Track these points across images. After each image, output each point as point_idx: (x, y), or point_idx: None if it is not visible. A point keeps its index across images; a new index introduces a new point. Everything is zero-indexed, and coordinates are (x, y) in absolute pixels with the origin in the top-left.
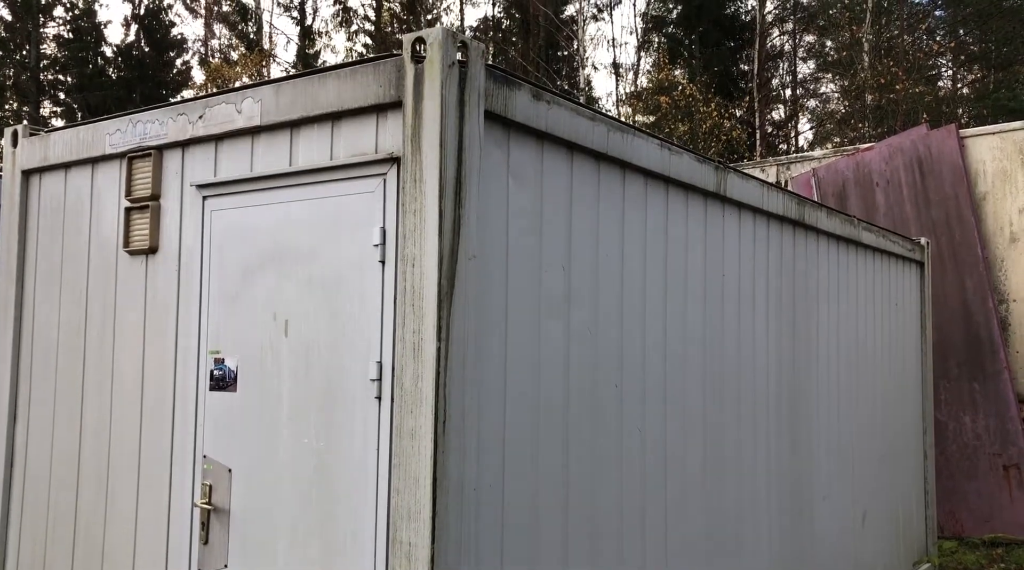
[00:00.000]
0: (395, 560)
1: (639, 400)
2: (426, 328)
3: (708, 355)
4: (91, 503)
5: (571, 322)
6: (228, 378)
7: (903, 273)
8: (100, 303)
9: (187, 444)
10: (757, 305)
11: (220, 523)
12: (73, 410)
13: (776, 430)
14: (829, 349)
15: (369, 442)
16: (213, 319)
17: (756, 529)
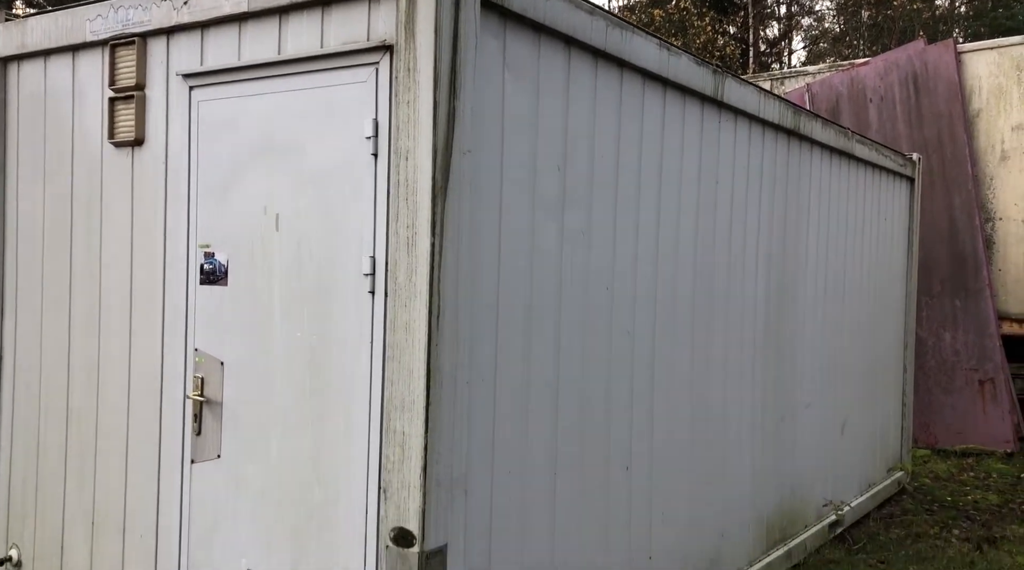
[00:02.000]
0: (389, 449)
1: (630, 303)
2: (420, 223)
3: (699, 262)
4: (82, 397)
5: (565, 224)
6: (218, 272)
7: (893, 188)
8: (86, 197)
9: (178, 337)
10: (749, 213)
11: (213, 415)
12: (61, 306)
13: (763, 337)
14: (818, 260)
15: (363, 336)
16: (202, 213)
17: (739, 432)
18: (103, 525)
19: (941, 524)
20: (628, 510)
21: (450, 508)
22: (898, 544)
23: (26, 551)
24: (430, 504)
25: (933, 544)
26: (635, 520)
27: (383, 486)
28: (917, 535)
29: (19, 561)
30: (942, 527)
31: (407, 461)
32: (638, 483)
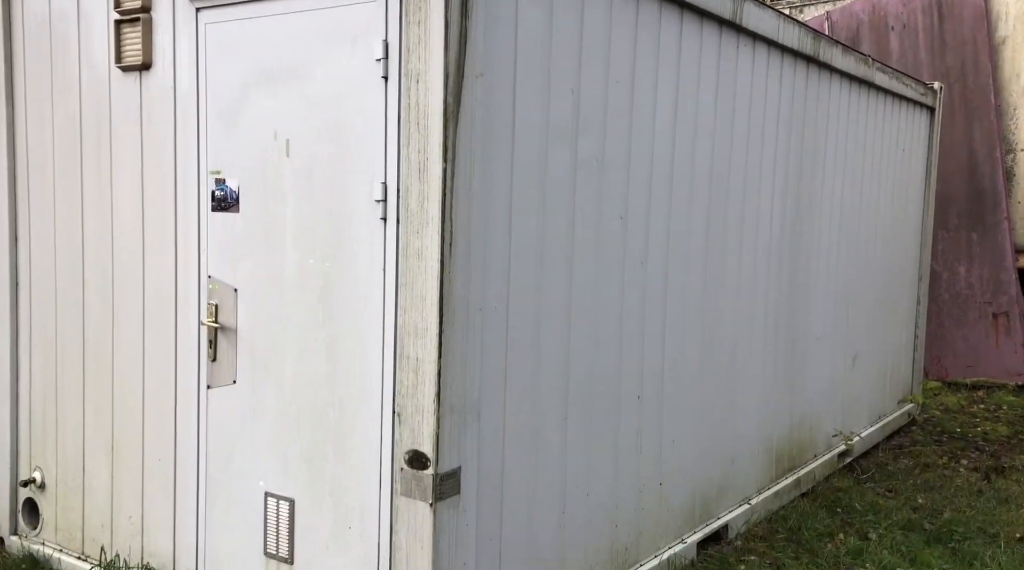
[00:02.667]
0: (402, 374)
1: (643, 232)
2: (432, 147)
3: (714, 191)
4: (97, 325)
5: (578, 151)
6: (230, 199)
7: (913, 118)
8: (94, 123)
9: (191, 264)
10: (766, 142)
11: (228, 341)
12: (74, 233)
13: (776, 268)
14: (833, 191)
15: (375, 262)
16: (212, 138)
17: (750, 362)
18: (122, 449)
19: (950, 454)
20: (638, 437)
21: (463, 432)
22: (906, 473)
23: (49, 474)
24: (443, 428)
25: (941, 474)
26: (645, 447)
27: (397, 410)
28: (926, 465)
29: (43, 483)
30: (951, 457)
31: (421, 386)
32: (649, 411)
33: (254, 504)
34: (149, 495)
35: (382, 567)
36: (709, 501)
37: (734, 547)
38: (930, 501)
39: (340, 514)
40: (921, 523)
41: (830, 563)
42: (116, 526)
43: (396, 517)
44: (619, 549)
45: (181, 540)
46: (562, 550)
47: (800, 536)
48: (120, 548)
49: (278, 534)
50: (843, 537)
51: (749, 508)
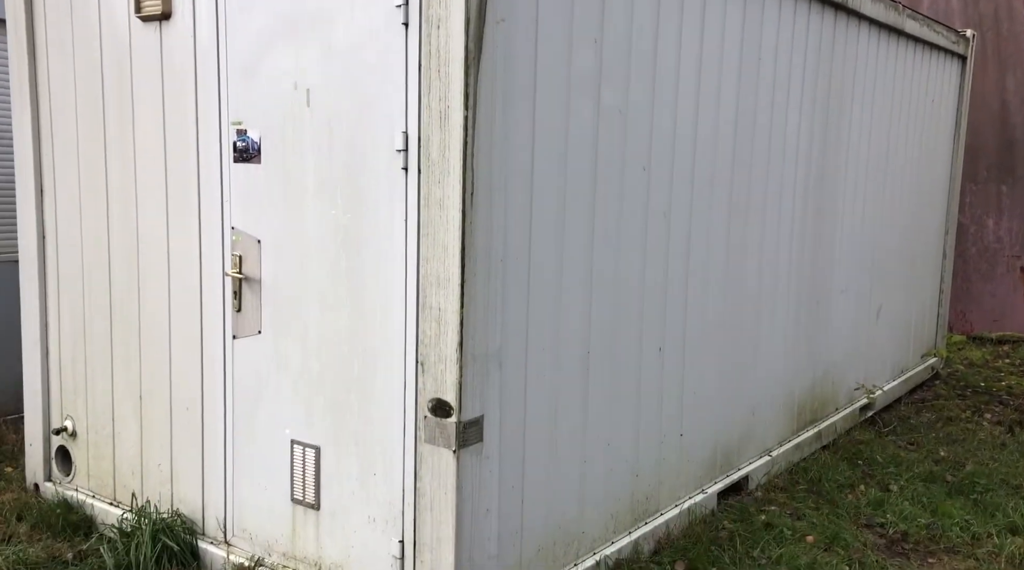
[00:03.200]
0: (425, 324)
1: (666, 184)
2: (453, 95)
3: (738, 142)
4: (124, 276)
5: (601, 101)
6: (251, 150)
7: (943, 67)
8: (116, 74)
9: (214, 216)
10: (791, 92)
11: (252, 292)
12: (98, 185)
13: (800, 220)
14: (860, 142)
15: (396, 213)
16: (233, 88)
17: (773, 314)
18: (150, 399)
19: (973, 408)
20: (660, 388)
21: (485, 381)
22: (929, 427)
23: (80, 423)
24: (466, 377)
25: (964, 427)
26: (666, 398)
27: (420, 360)
28: (948, 419)
29: (74, 431)
30: (974, 411)
31: (443, 336)
32: (670, 363)
33: (281, 452)
34: (177, 443)
35: (406, 512)
36: (730, 452)
37: (754, 498)
38: (952, 454)
39: (365, 461)
40: (943, 475)
41: (850, 513)
42: (146, 473)
43: (420, 464)
44: (640, 498)
45: (210, 487)
46: (583, 497)
47: (821, 487)
48: (151, 494)
49: (304, 481)
50: (864, 488)
51: (770, 460)
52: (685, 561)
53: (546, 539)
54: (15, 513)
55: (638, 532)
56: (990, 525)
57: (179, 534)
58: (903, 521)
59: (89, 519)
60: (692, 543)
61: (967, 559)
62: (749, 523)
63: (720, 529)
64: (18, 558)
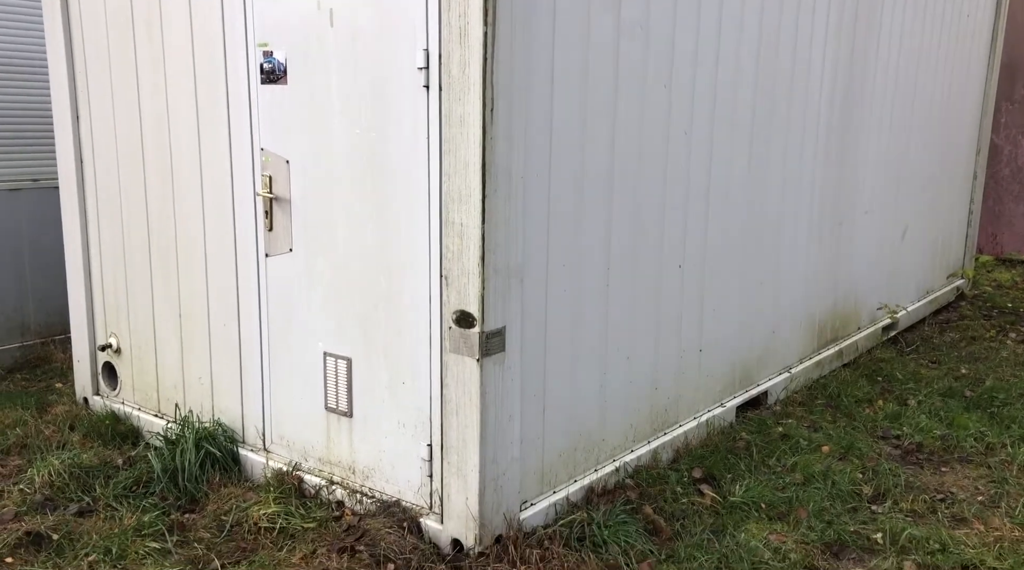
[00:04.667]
0: (448, 239)
1: (688, 101)
2: (471, 12)
3: (761, 60)
4: (159, 198)
5: (621, 15)
6: (278, 71)
7: None
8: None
9: (244, 138)
10: (817, 9)
11: (282, 211)
12: (131, 110)
13: (825, 139)
14: (888, 58)
15: (419, 130)
16: (258, 9)
17: (795, 234)
18: (189, 315)
19: (998, 328)
20: (680, 305)
21: (507, 294)
22: (951, 346)
23: (124, 340)
24: (488, 289)
25: (988, 346)
26: (686, 315)
27: (444, 274)
28: (972, 338)
29: (118, 348)
30: (998, 331)
31: (466, 251)
32: (690, 280)
33: (314, 363)
34: (216, 358)
35: (434, 418)
36: (749, 368)
37: (773, 411)
38: (973, 371)
39: (394, 371)
40: (962, 391)
41: (867, 426)
42: (188, 386)
43: (446, 372)
44: (659, 410)
45: (248, 398)
46: (603, 407)
47: (839, 402)
48: (193, 406)
49: (337, 390)
50: (882, 403)
51: (789, 376)
52: (702, 468)
53: (567, 445)
54: (68, 423)
55: (657, 442)
56: (1005, 436)
57: (221, 442)
58: (919, 433)
59: (136, 430)
60: (710, 452)
61: (979, 467)
62: (766, 434)
63: (737, 439)
64: (73, 462)
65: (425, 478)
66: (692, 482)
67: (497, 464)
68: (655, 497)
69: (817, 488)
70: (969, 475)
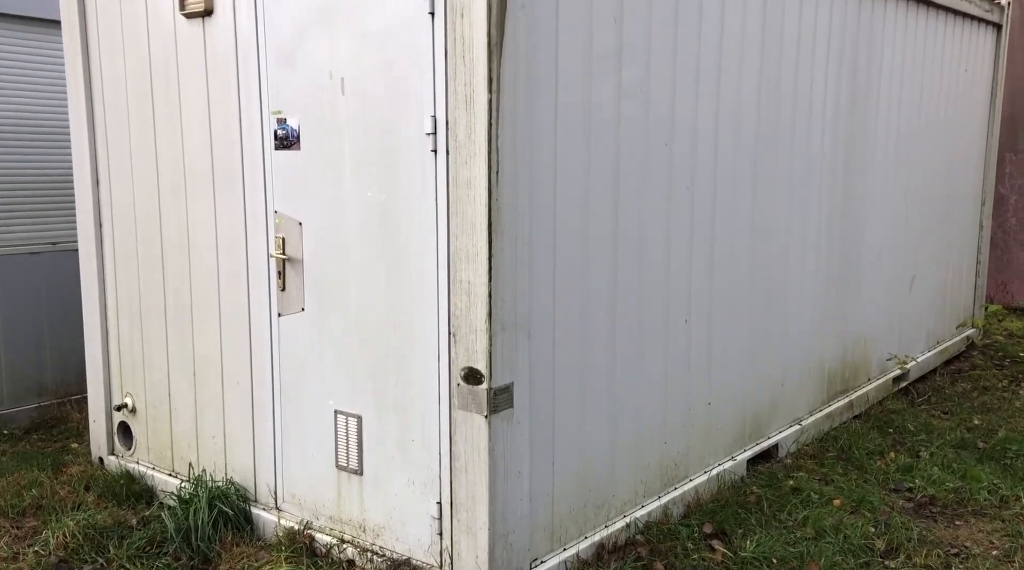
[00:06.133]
0: (456, 297)
1: (689, 157)
2: (477, 79)
3: (762, 114)
4: (176, 259)
5: (622, 79)
6: (291, 137)
7: (977, 36)
8: (163, 69)
9: (258, 201)
10: (816, 64)
11: (295, 271)
12: (150, 174)
13: (829, 190)
14: (889, 114)
15: (427, 193)
16: (272, 79)
17: (802, 285)
18: (203, 374)
19: (1010, 378)
20: (687, 359)
21: (514, 349)
22: (963, 396)
23: (139, 399)
24: (496, 345)
25: (1000, 396)
26: (694, 368)
27: (452, 330)
28: (984, 388)
29: (134, 407)
30: (1011, 381)
31: (473, 307)
32: (697, 331)
33: (325, 421)
34: (229, 416)
35: (443, 475)
36: (760, 420)
37: (784, 465)
38: (986, 422)
39: (404, 428)
40: (975, 442)
41: (879, 479)
42: (201, 445)
43: (455, 429)
44: (669, 464)
45: (260, 456)
46: (613, 462)
47: (850, 455)
48: (206, 464)
49: (348, 448)
50: (894, 455)
51: (800, 428)
52: (713, 523)
53: (577, 501)
54: (83, 484)
55: (667, 496)
56: (1019, 489)
57: (233, 501)
58: (932, 485)
59: (150, 489)
60: (720, 507)
61: (993, 521)
62: (777, 488)
63: (748, 494)
64: (88, 523)
65: (435, 536)
66: (703, 537)
67: (506, 521)
68: (666, 553)
69: (829, 542)
70: (983, 529)
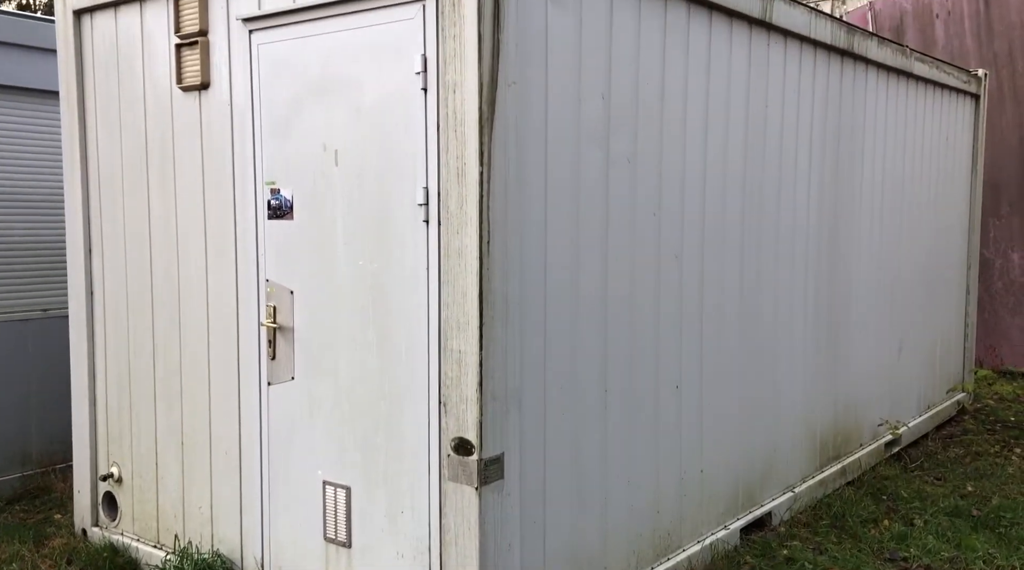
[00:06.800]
0: (447, 366)
1: (677, 226)
2: (469, 153)
3: (748, 184)
4: (166, 327)
5: (610, 151)
6: (284, 207)
7: (957, 106)
8: (159, 140)
9: (250, 270)
10: (800, 135)
11: (285, 340)
12: (142, 242)
13: (815, 260)
14: (873, 181)
15: (419, 263)
16: (267, 151)
17: (791, 350)
18: (191, 443)
19: (1003, 443)
20: (679, 425)
21: (505, 420)
22: (956, 462)
23: (125, 469)
24: (487, 416)
25: (993, 462)
26: (686, 435)
27: (443, 400)
28: (977, 454)
29: (120, 477)
30: (1003, 446)
31: (464, 377)
32: (688, 399)
33: (314, 492)
34: (217, 486)
35: (433, 548)
36: (752, 488)
37: (777, 533)
38: (980, 489)
39: (393, 500)
40: (969, 510)
41: (873, 548)
42: (188, 515)
43: (445, 501)
44: (661, 534)
45: (247, 527)
46: (605, 533)
47: (844, 522)
48: (192, 536)
49: (336, 520)
50: (888, 523)
51: (792, 496)
52: None
53: None
54: (65, 557)
55: (660, 567)
56: (1014, 558)
57: None
58: (926, 554)
59: (134, 562)
60: None
61: None
62: (771, 558)
63: (742, 564)
64: None
65: None
66: None
67: None
68: None
69: None
70: None
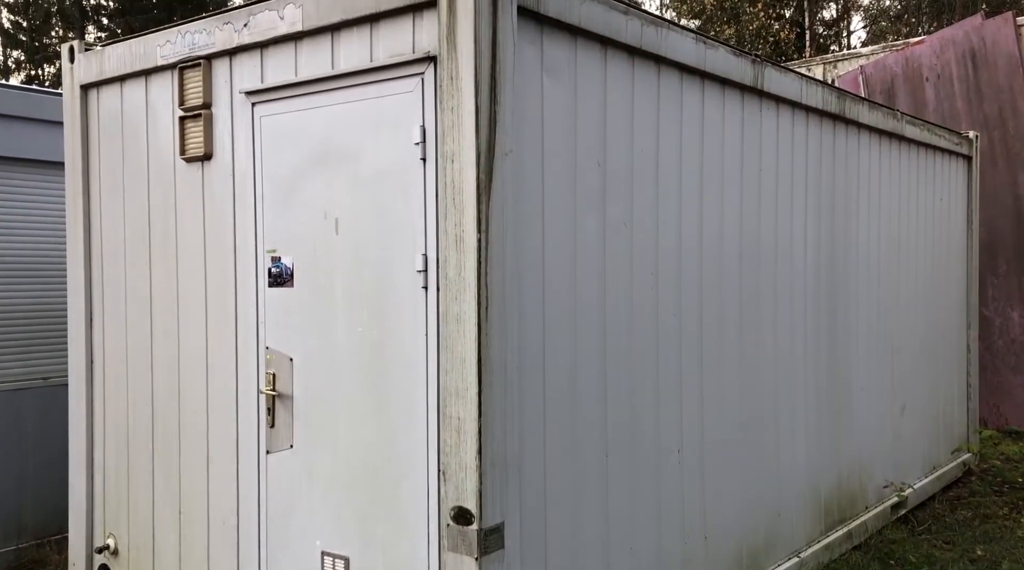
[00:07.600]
0: (446, 433)
1: (675, 290)
2: (467, 221)
3: (745, 247)
4: (165, 395)
5: (607, 216)
6: (285, 275)
7: (949, 168)
8: (161, 210)
9: (250, 337)
10: (795, 200)
11: (284, 408)
12: (143, 311)
13: (814, 321)
14: (869, 244)
15: (418, 329)
16: (268, 220)
17: (793, 413)
18: (189, 513)
19: (1011, 505)
20: (680, 491)
21: (505, 488)
22: (964, 525)
23: (122, 540)
24: (486, 484)
25: (1002, 525)
26: (688, 500)
27: (442, 468)
28: (985, 516)
29: (115, 549)
30: (1012, 508)
31: (463, 444)
32: (689, 464)
33: (312, 562)
34: (215, 556)
35: None
36: (757, 554)
37: None
38: (989, 552)
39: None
40: None
41: None
42: None
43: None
44: None
45: None
46: None
47: None
48: None
49: None
50: None
51: (799, 561)
52: None
53: None
54: None
55: None
56: None
57: None
58: None
59: None
60: None
61: None
62: None
63: None
64: None
65: None
66: None
67: None
68: None
69: None
70: None
